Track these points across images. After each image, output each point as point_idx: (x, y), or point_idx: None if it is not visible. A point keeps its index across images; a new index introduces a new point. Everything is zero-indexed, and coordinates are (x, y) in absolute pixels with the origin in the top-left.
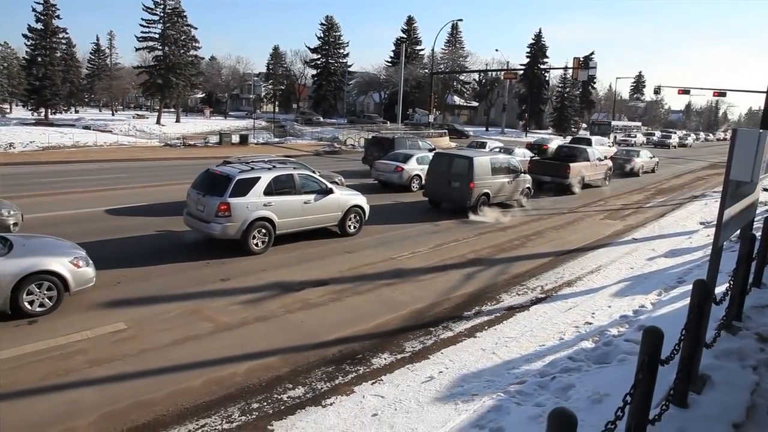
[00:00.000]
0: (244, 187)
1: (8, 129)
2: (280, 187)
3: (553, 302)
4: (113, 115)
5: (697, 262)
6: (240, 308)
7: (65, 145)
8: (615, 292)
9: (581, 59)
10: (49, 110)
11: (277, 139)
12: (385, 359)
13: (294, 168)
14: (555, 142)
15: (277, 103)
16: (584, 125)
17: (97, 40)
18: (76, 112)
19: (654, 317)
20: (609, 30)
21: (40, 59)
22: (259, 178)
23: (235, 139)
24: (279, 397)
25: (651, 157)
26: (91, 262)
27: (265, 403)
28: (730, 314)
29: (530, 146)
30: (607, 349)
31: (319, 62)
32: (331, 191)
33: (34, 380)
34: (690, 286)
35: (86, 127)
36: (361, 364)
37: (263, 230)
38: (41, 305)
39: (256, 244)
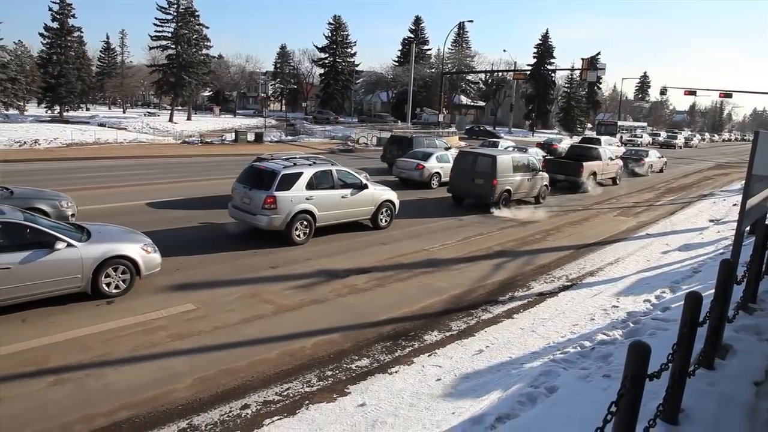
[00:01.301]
0: (289, 181)
1: (29, 126)
2: (320, 181)
3: (579, 289)
4: (124, 112)
5: (710, 255)
6: (294, 292)
7: (87, 142)
8: (636, 281)
9: (588, 60)
10: (63, 108)
11: (290, 138)
12: (435, 336)
13: (332, 164)
14: (565, 142)
15: (284, 101)
16: (589, 125)
17: (107, 38)
18: (87, 109)
19: (676, 302)
20: (613, 30)
21: (55, 57)
22: (301, 173)
23: (251, 137)
24: (348, 366)
25: (659, 157)
26: (157, 249)
27: (337, 371)
28: (747, 296)
29: (540, 146)
30: (636, 326)
31: (326, 61)
32: (366, 186)
33: (127, 351)
34: (706, 276)
35: (101, 125)
36: (415, 340)
37: (305, 222)
38: (116, 287)
39: (298, 235)
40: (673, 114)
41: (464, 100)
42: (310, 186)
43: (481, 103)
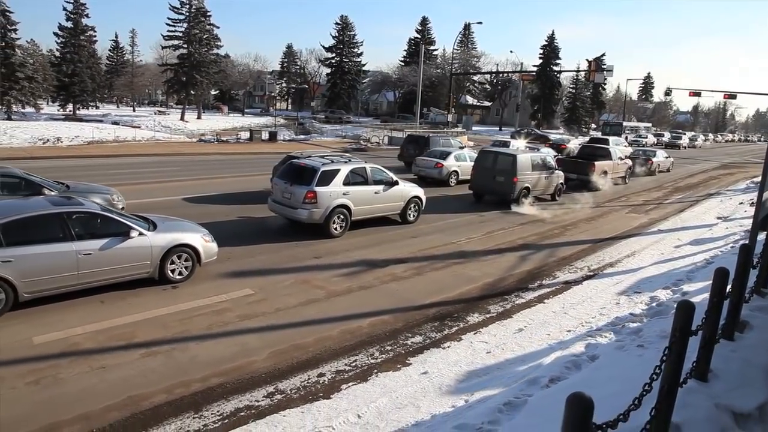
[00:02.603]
0: (328, 177)
1: (48, 124)
2: (355, 178)
3: (601, 279)
4: (134, 111)
5: (721, 248)
6: (341, 279)
7: (107, 139)
8: (653, 271)
9: (595, 61)
10: (76, 106)
11: (302, 136)
12: (476, 317)
13: (365, 162)
14: (573, 142)
15: (290, 100)
16: (593, 126)
17: (116, 37)
18: (97, 108)
19: (693, 288)
20: (617, 31)
21: (69, 56)
22: (339, 170)
23: (265, 136)
24: (404, 342)
25: (666, 157)
26: (213, 238)
27: (395, 346)
28: (760, 281)
29: (549, 145)
30: (660, 308)
31: (333, 61)
32: (396, 183)
33: (202, 328)
34: (718, 265)
35: (115, 123)
36: (459, 321)
37: (341, 216)
38: (180, 273)
39: (336, 228)
40: (676, 114)
41: (470, 100)
42: (347, 182)
43: (487, 103)
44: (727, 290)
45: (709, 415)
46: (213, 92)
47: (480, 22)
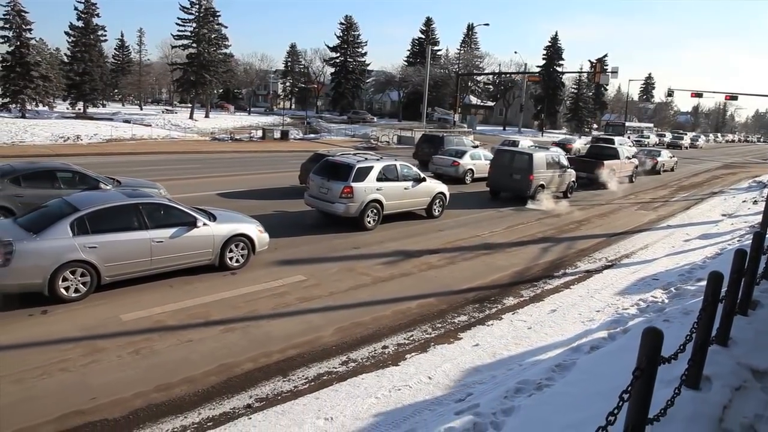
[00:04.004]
0: (363, 174)
1: (66, 122)
2: (387, 174)
3: (619, 268)
4: (141, 109)
5: (728, 242)
6: (383, 267)
7: (123, 137)
8: (667, 262)
9: (597, 62)
10: (86, 105)
11: (312, 135)
12: (512, 300)
13: (395, 159)
14: (578, 142)
15: (293, 100)
16: (595, 126)
17: (122, 36)
18: (104, 106)
19: (706, 276)
20: (616, 31)
21: (80, 55)
22: (372, 167)
23: (277, 134)
24: (452, 321)
25: (671, 157)
26: (265, 230)
27: (445, 324)
28: None
29: (556, 145)
30: (678, 292)
31: (337, 60)
32: (424, 179)
33: (269, 309)
34: (728, 258)
35: (126, 121)
36: (497, 303)
37: (375, 210)
38: (237, 261)
39: (369, 222)
40: (677, 115)
41: (473, 100)
42: (380, 178)
43: (490, 103)
44: (745, 268)
45: (733, 370)
46: (218, 91)
47: (487, 24)
